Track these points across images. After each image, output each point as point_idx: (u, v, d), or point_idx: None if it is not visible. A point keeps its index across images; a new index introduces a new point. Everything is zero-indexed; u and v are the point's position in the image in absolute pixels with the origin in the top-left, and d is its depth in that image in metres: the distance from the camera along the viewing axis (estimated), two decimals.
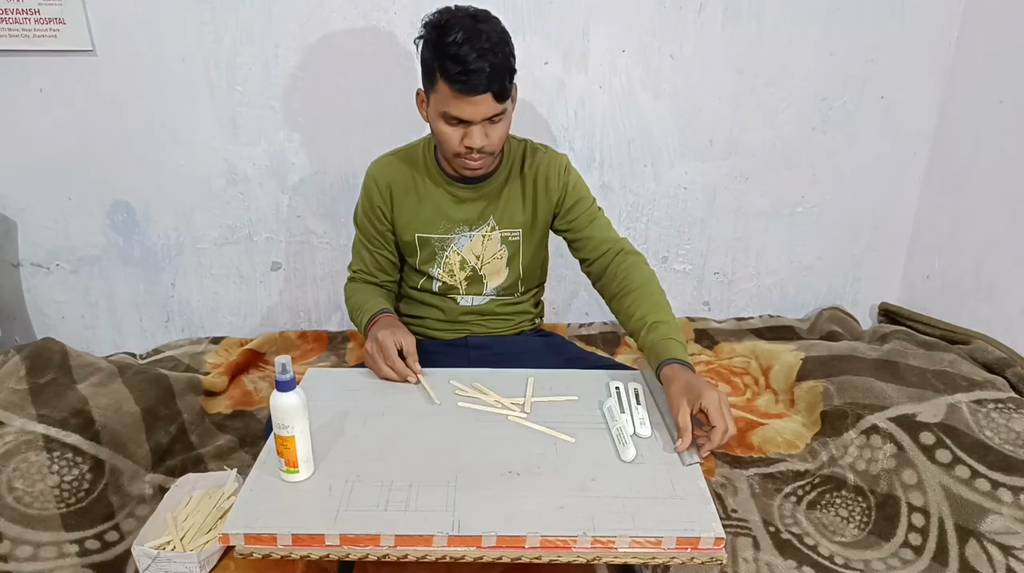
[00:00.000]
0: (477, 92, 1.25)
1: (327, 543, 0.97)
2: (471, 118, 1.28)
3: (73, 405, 1.48)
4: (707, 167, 2.11)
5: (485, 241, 1.51)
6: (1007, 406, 1.52)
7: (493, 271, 1.54)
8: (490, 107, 1.27)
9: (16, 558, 1.27)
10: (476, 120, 1.29)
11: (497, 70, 1.24)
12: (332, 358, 2.08)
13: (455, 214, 1.48)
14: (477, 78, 1.23)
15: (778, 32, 1.96)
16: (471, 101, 1.26)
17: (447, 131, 1.32)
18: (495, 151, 1.36)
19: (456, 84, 1.24)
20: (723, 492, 1.52)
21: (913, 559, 1.35)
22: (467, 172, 1.40)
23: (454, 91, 1.25)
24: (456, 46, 1.23)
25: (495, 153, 1.37)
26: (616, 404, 1.23)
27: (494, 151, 1.36)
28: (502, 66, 1.25)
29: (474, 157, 1.34)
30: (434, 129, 1.35)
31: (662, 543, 0.97)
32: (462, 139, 1.31)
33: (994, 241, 1.91)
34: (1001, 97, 1.87)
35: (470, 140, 1.31)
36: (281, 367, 1.01)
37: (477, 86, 1.24)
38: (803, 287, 2.31)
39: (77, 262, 2.06)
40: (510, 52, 1.29)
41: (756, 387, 1.95)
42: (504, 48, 1.27)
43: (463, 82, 1.24)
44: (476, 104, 1.26)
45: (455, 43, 1.23)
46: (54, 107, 1.87)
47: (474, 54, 1.22)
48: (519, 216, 1.50)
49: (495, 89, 1.25)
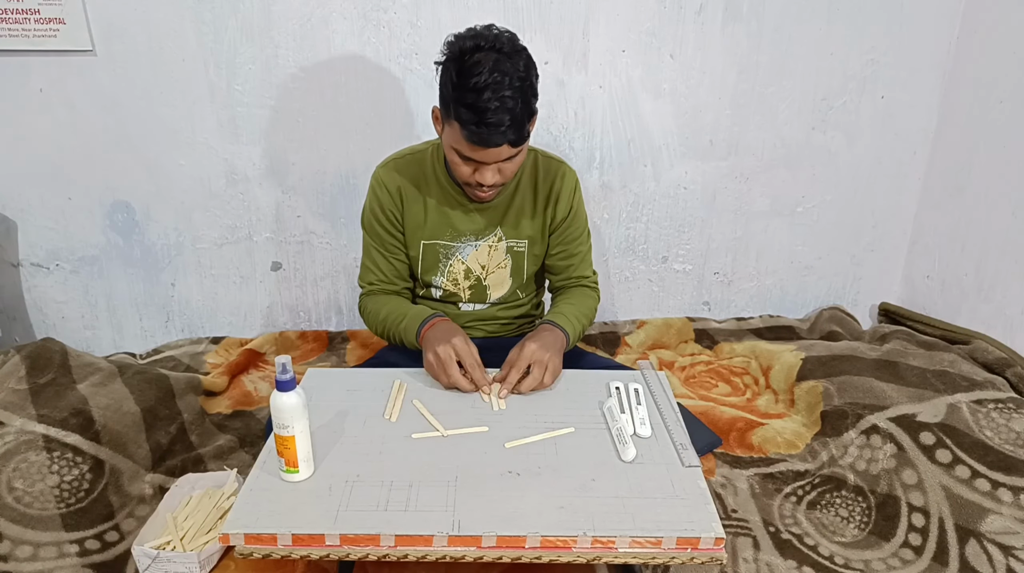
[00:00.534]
0: (492, 145, 1.20)
1: (327, 543, 0.97)
2: (484, 161, 1.24)
3: (73, 405, 1.48)
4: (707, 167, 2.11)
5: (491, 251, 1.49)
6: (1007, 406, 1.52)
7: (497, 282, 1.53)
8: (506, 151, 1.23)
9: (16, 558, 1.27)
10: (489, 162, 1.25)
11: (516, 121, 1.18)
12: (332, 358, 2.08)
13: (462, 224, 1.46)
14: (494, 131, 1.17)
15: (778, 32, 1.96)
16: (486, 152, 1.22)
17: (458, 162, 1.27)
18: (508, 182, 1.33)
19: (472, 136, 1.19)
20: (723, 492, 1.52)
21: (913, 559, 1.35)
22: (476, 199, 1.39)
23: (468, 141, 1.20)
24: (475, 94, 1.15)
25: (507, 182, 1.34)
26: (616, 404, 1.23)
27: (506, 182, 1.33)
28: (521, 115, 1.18)
29: (484, 189, 1.31)
30: (447, 155, 1.30)
31: (662, 543, 0.97)
32: (473, 173, 1.28)
33: (994, 241, 1.91)
34: (1001, 97, 1.87)
35: (482, 177, 1.27)
36: (281, 367, 1.01)
37: (493, 140, 1.19)
38: (803, 287, 2.31)
39: (77, 262, 2.06)
40: (532, 94, 1.22)
41: (756, 387, 1.95)
42: (526, 93, 1.19)
43: (478, 135, 1.18)
44: (491, 152, 1.22)
45: (475, 90, 1.15)
46: (54, 107, 1.87)
47: (494, 104, 1.15)
48: (527, 228, 1.48)
49: (512, 139, 1.20)
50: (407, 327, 1.40)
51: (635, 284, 2.25)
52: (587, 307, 1.50)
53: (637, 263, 2.22)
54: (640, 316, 2.29)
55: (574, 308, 1.46)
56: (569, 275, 1.55)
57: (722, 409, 1.81)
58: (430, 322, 1.37)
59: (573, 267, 1.54)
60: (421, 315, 1.39)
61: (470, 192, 1.37)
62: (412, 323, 1.39)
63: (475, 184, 1.30)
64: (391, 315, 1.44)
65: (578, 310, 1.46)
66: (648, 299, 2.28)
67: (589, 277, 1.57)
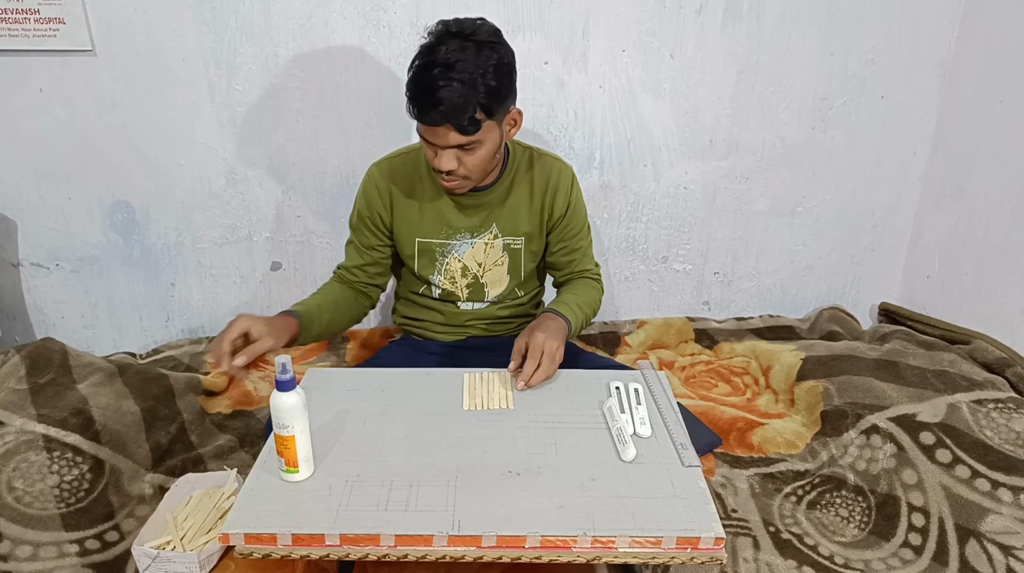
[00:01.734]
0: (433, 123, 1.21)
1: (327, 543, 0.97)
2: (434, 142, 1.25)
3: (73, 405, 1.48)
4: (707, 167, 2.11)
5: (487, 248, 1.49)
6: (1007, 406, 1.52)
7: (495, 279, 1.53)
8: (454, 138, 1.22)
9: (16, 558, 1.27)
10: (439, 146, 1.25)
11: (456, 105, 1.17)
12: (332, 358, 2.08)
13: (456, 221, 1.46)
14: (434, 112, 1.19)
15: (778, 32, 1.96)
16: (431, 131, 1.23)
17: (424, 146, 1.30)
18: (472, 175, 1.32)
19: (412, 110, 1.22)
20: (723, 492, 1.52)
21: (913, 559, 1.35)
22: (445, 188, 1.38)
23: (412, 116, 1.23)
24: (422, 70, 1.18)
25: (472, 177, 1.33)
26: (616, 404, 1.23)
27: (470, 175, 1.31)
28: (472, 100, 1.18)
29: (445, 178, 1.31)
30: None
31: (662, 543, 0.97)
32: (435, 158, 1.29)
33: (994, 241, 1.91)
34: (1001, 97, 1.87)
35: (438, 163, 1.28)
36: (281, 367, 1.01)
37: (431, 117, 1.20)
38: (803, 287, 2.31)
39: (77, 262, 2.06)
40: (491, 86, 1.20)
41: (756, 387, 1.95)
42: (484, 80, 1.18)
43: (420, 110, 1.20)
44: (438, 133, 1.23)
45: (423, 67, 1.18)
46: (54, 107, 1.87)
47: (438, 83, 1.16)
48: (523, 225, 1.49)
49: (455, 123, 1.20)
50: None
51: (635, 284, 2.25)
52: (590, 297, 1.50)
53: (637, 263, 2.22)
54: (640, 316, 2.29)
55: (577, 297, 1.46)
56: (572, 270, 1.56)
57: (722, 409, 1.81)
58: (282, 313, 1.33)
59: (575, 262, 1.55)
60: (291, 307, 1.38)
61: (437, 181, 1.37)
62: None
63: (436, 170, 1.31)
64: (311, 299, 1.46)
65: (581, 299, 1.46)
66: (648, 299, 2.28)
67: (591, 269, 1.58)
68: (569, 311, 1.40)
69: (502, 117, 1.28)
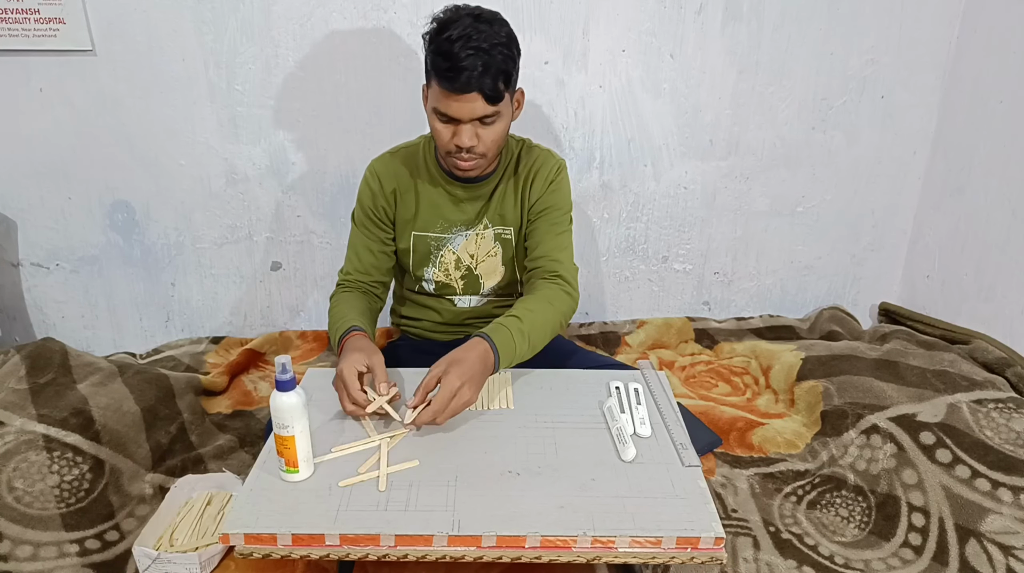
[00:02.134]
0: (465, 91, 1.23)
1: (327, 543, 0.97)
2: (460, 116, 1.27)
3: (73, 405, 1.48)
4: (707, 167, 2.11)
5: (479, 239, 1.50)
6: (1007, 406, 1.52)
7: (489, 270, 1.53)
8: (480, 107, 1.26)
9: (16, 558, 1.27)
10: (465, 119, 1.27)
11: (488, 70, 1.22)
12: (332, 358, 2.08)
13: (452, 214, 1.47)
14: (466, 76, 1.22)
15: (778, 32, 1.96)
16: (459, 99, 1.25)
17: (439, 128, 1.31)
18: (488, 153, 1.34)
19: (444, 81, 1.24)
20: (723, 492, 1.52)
21: (913, 559, 1.35)
22: (458, 171, 1.38)
23: (443, 88, 1.25)
24: (449, 43, 1.22)
25: (488, 155, 1.34)
26: (616, 404, 1.23)
27: (486, 153, 1.33)
28: (495, 67, 1.23)
29: (464, 157, 1.33)
30: (430, 125, 1.34)
31: (662, 543, 0.97)
32: (452, 137, 1.30)
33: (994, 241, 1.91)
34: (1001, 97, 1.87)
35: (459, 139, 1.29)
36: (281, 367, 1.01)
37: (465, 84, 1.22)
38: (803, 287, 2.31)
39: (77, 262, 2.06)
40: (509, 56, 1.26)
41: (756, 387, 1.95)
42: (501, 50, 1.24)
43: (450, 79, 1.23)
44: (464, 103, 1.25)
45: (449, 39, 1.22)
46: (54, 107, 1.87)
47: (466, 52, 1.21)
48: (511, 214, 1.49)
49: (485, 89, 1.23)
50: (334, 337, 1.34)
51: (635, 284, 2.25)
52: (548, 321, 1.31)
53: (637, 263, 2.22)
54: (640, 316, 2.29)
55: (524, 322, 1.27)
56: (536, 258, 1.42)
57: (722, 409, 1.81)
58: (342, 342, 1.29)
59: (544, 247, 1.42)
60: (342, 329, 1.31)
61: (451, 164, 1.37)
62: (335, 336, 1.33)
63: (455, 150, 1.32)
64: (335, 319, 1.38)
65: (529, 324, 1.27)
66: (648, 299, 2.28)
67: (563, 265, 1.40)
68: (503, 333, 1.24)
69: (513, 93, 1.33)
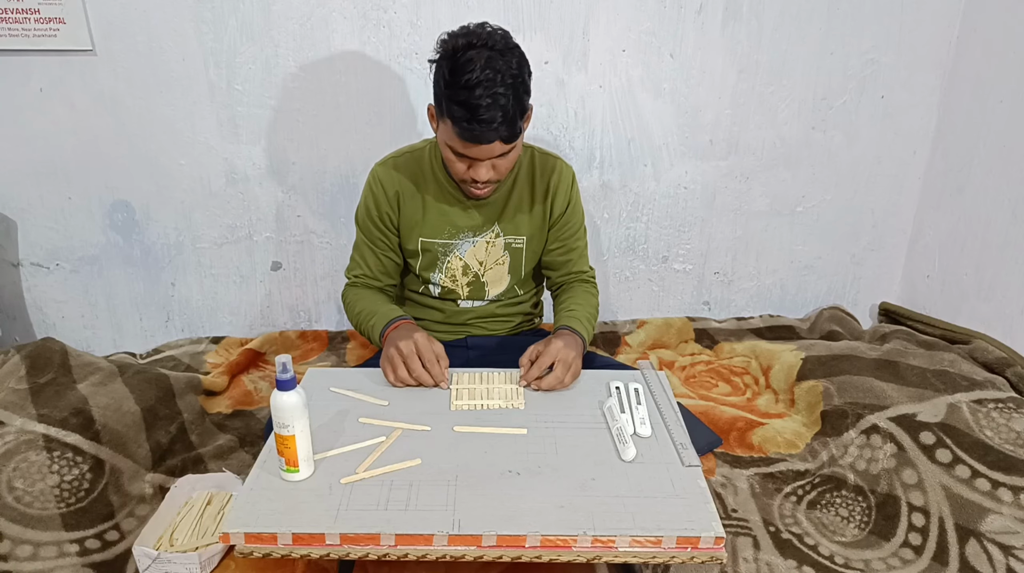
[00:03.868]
0: (485, 142, 1.21)
1: (327, 542, 0.97)
2: (478, 158, 1.26)
3: (73, 405, 1.48)
4: (707, 166, 2.11)
5: (489, 247, 1.50)
6: (1007, 406, 1.52)
7: (495, 278, 1.53)
8: (498, 148, 1.24)
9: (16, 557, 1.27)
10: (483, 159, 1.26)
11: (508, 117, 1.19)
12: (332, 358, 2.08)
13: (460, 220, 1.47)
14: (486, 128, 1.18)
15: (778, 31, 1.96)
16: (478, 149, 1.23)
17: (453, 160, 1.29)
18: (502, 178, 1.34)
19: (464, 133, 1.20)
20: (723, 491, 1.52)
21: (913, 559, 1.35)
22: (472, 196, 1.39)
23: (460, 138, 1.22)
24: (467, 91, 1.16)
25: (502, 179, 1.35)
26: (616, 404, 1.23)
27: (501, 179, 1.34)
28: (513, 111, 1.20)
29: (478, 186, 1.33)
30: (442, 152, 1.32)
31: (662, 542, 0.97)
32: (468, 169, 1.29)
33: (994, 240, 1.91)
34: (1001, 96, 1.87)
35: (476, 174, 1.28)
36: (282, 366, 1.01)
37: (486, 136, 1.20)
38: (803, 287, 2.31)
39: (77, 262, 2.06)
40: (524, 90, 1.22)
41: (756, 387, 1.95)
42: (519, 89, 1.20)
43: (470, 132, 1.19)
44: (483, 149, 1.23)
45: (467, 87, 1.16)
46: (54, 107, 1.87)
47: (487, 101, 1.16)
48: (525, 224, 1.49)
49: (504, 136, 1.21)
50: (375, 325, 1.40)
51: (635, 284, 2.25)
52: (593, 307, 1.51)
53: (637, 263, 2.22)
54: (640, 316, 2.29)
55: (583, 310, 1.45)
56: (568, 271, 1.56)
57: (722, 409, 1.81)
58: (395, 323, 1.37)
59: (572, 262, 1.55)
60: (389, 315, 1.39)
61: (466, 189, 1.37)
62: (380, 321, 1.39)
63: (470, 181, 1.32)
64: (365, 310, 1.45)
65: (587, 312, 1.46)
66: (648, 299, 2.28)
67: (587, 271, 1.58)
68: (581, 326, 1.40)
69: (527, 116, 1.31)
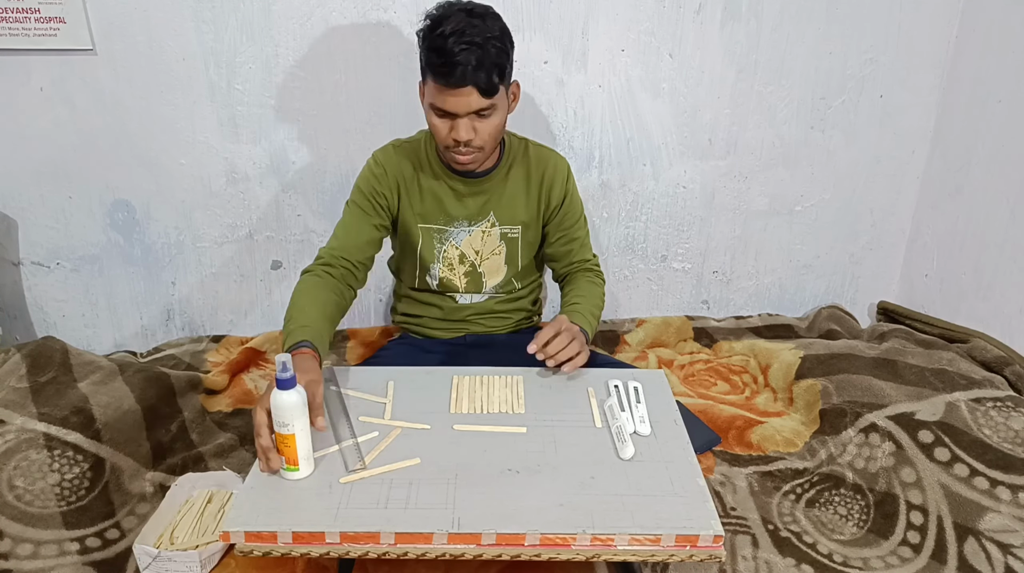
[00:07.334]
0: (460, 85, 1.25)
1: (327, 541, 0.97)
2: (456, 110, 1.28)
3: (74, 403, 1.49)
4: (706, 166, 2.11)
5: (484, 236, 1.51)
6: (1006, 404, 1.52)
7: (492, 269, 1.54)
8: (476, 101, 1.27)
9: (17, 556, 1.27)
10: (461, 113, 1.28)
11: (482, 63, 1.24)
12: (332, 357, 2.08)
13: (454, 209, 1.48)
14: (460, 70, 1.23)
15: (777, 31, 1.96)
16: (454, 93, 1.26)
17: (436, 123, 1.32)
18: (485, 146, 1.35)
19: (439, 76, 1.25)
20: (722, 490, 1.52)
21: (912, 557, 1.36)
22: (457, 166, 1.39)
23: (438, 83, 1.26)
24: (443, 38, 1.23)
25: (485, 148, 1.35)
26: (616, 402, 1.24)
27: (484, 146, 1.34)
28: (489, 61, 1.24)
29: (462, 151, 1.34)
30: (427, 120, 1.35)
31: (661, 541, 0.97)
32: (450, 131, 1.31)
33: (993, 240, 1.92)
34: (1000, 96, 1.87)
35: (456, 133, 1.30)
36: (281, 365, 1.02)
37: (460, 78, 1.24)
38: (802, 286, 2.31)
39: (78, 261, 2.06)
40: (503, 49, 1.28)
41: (755, 385, 1.95)
42: (495, 43, 1.25)
43: (445, 74, 1.24)
44: (460, 96, 1.26)
45: (442, 35, 1.23)
46: (54, 106, 1.87)
47: (460, 47, 1.22)
48: (520, 213, 1.50)
49: (480, 83, 1.25)
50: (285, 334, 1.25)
51: (634, 283, 2.25)
52: (598, 298, 1.52)
53: (636, 262, 2.22)
54: (639, 315, 2.29)
55: (586, 303, 1.45)
56: (571, 260, 1.58)
57: (721, 407, 1.81)
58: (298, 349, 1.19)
59: (574, 252, 1.57)
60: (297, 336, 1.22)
61: (450, 158, 1.38)
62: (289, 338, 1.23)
63: (452, 145, 1.33)
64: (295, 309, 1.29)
65: (590, 304, 1.46)
66: (647, 298, 2.28)
67: (591, 260, 1.60)
68: (584, 321, 1.40)
69: (508, 86, 1.34)
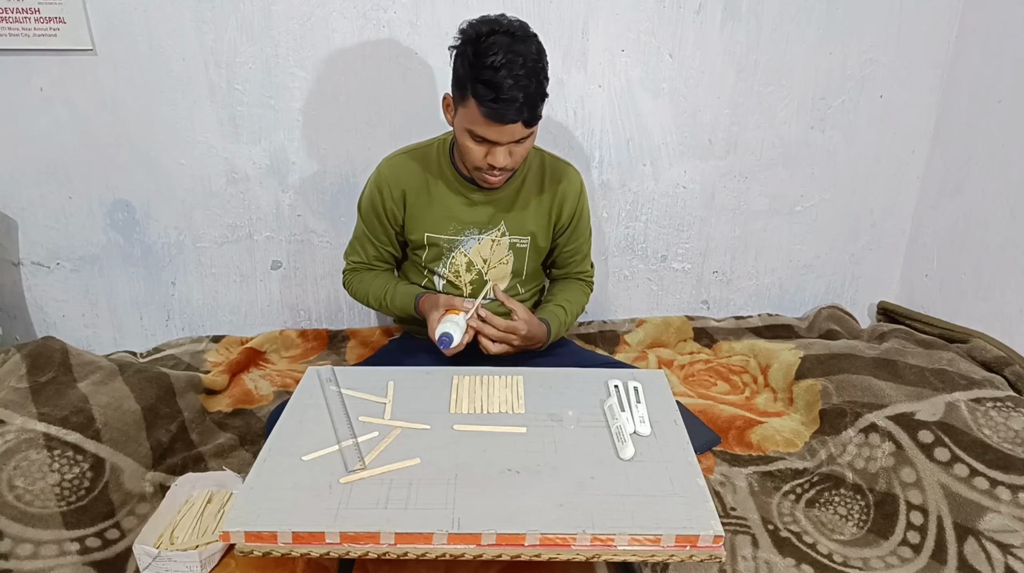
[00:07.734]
0: (508, 121, 1.24)
1: (327, 541, 0.97)
2: (499, 140, 1.28)
3: (74, 403, 1.49)
4: (706, 166, 2.11)
5: (494, 245, 1.51)
6: (1005, 404, 1.52)
7: (498, 276, 1.55)
8: (519, 131, 1.27)
9: (17, 556, 1.27)
10: (504, 142, 1.28)
11: (530, 99, 1.23)
12: (332, 357, 2.08)
13: (465, 216, 1.48)
14: (509, 107, 1.22)
15: (777, 31, 1.96)
16: (501, 128, 1.25)
17: (472, 147, 1.31)
18: (517, 167, 1.36)
19: (489, 111, 1.23)
20: (722, 490, 1.52)
21: (912, 557, 1.36)
22: (486, 185, 1.41)
23: (486, 117, 1.24)
24: (492, 71, 1.20)
25: (516, 168, 1.37)
26: (616, 402, 1.24)
27: (516, 167, 1.36)
28: (535, 94, 1.24)
29: (495, 173, 1.35)
30: (459, 140, 1.34)
31: (661, 541, 0.97)
32: (486, 156, 1.31)
33: (993, 240, 1.92)
34: (1000, 96, 1.87)
35: (493, 159, 1.31)
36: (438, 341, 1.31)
37: (509, 115, 1.23)
38: (802, 286, 2.31)
39: (78, 261, 2.06)
40: (544, 76, 1.27)
41: (755, 385, 1.95)
42: (539, 74, 1.25)
43: (495, 110, 1.22)
44: (505, 130, 1.26)
45: (491, 67, 1.21)
46: (54, 106, 1.87)
47: (509, 82, 1.20)
48: (531, 225, 1.51)
49: (526, 117, 1.24)
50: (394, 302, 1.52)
51: (634, 283, 2.26)
52: (579, 306, 1.63)
53: (636, 262, 2.22)
54: (639, 315, 2.29)
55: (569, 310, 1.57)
56: (568, 270, 1.64)
57: (721, 407, 1.81)
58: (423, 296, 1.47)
59: (575, 263, 1.63)
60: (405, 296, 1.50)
61: (479, 177, 1.39)
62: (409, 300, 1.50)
63: (486, 167, 1.34)
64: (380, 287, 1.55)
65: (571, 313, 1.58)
66: (647, 298, 2.28)
67: (587, 271, 1.68)
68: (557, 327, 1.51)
69: None
